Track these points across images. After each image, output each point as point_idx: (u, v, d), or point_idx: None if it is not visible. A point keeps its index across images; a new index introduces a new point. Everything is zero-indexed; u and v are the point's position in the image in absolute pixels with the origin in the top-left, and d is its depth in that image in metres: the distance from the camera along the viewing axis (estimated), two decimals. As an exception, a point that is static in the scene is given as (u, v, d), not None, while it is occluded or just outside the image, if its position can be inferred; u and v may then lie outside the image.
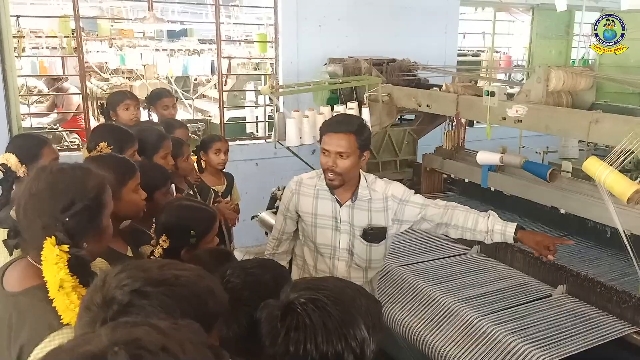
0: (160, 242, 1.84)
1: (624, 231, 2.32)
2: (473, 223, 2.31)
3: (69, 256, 1.25)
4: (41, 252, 1.26)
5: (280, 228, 2.46)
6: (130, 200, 1.84)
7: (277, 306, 1.12)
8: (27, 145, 2.35)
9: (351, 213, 2.31)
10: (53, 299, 1.24)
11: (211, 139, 3.38)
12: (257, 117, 6.90)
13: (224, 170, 3.41)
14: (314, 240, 2.36)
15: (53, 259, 1.23)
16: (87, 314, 0.94)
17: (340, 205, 2.30)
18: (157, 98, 3.66)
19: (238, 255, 3.70)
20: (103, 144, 2.35)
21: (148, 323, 0.73)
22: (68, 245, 1.26)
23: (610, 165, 2.17)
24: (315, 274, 2.36)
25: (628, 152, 2.16)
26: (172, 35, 10.65)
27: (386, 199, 2.32)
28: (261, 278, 1.35)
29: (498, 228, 2.27)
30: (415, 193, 2.39)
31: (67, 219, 1.29)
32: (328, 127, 2.24)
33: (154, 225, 1.96)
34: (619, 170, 2.18)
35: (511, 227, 2.25)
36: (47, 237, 1.26)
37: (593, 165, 2.21)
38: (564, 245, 2.98)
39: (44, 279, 1.24)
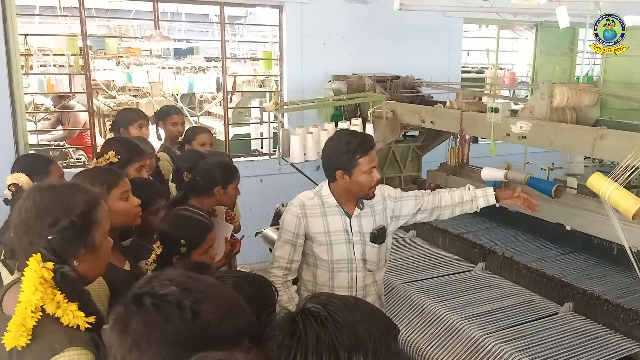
0: (154, 247, 1.86)
1: (630, 248, 2.29)
2: (459, 197, 2.52)
3: (53, 274, 1.24)
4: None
5: (288, 257, 2.37)
6: (117, 209, 1.86)
7: (290, 312, 1.15)
8: (36, 164, 2.40)
9: (360, 222, 2.38)
10: (58, 321, 1.23)
11: None
12: (261, 133, 6.93)
13: None
14: (330, 258, 2.36)
15: (36, 277, 1.22)
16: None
17: (350, 217, 2.36)
18: (166, 114, 3.68)
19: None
20: (111, 153, 2.40)
21: None
22: (53, 263, 1.25)
23: (615, 181, 2.16)
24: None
25: (633, 168, 2.14)
26: (179, 53, 10.79)
27: (384, 199, 2.45)
28: (243, 290, 1.35)
29: (479, 193, 2.53)
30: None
31: (52, 236, 1.28)
32: (367, 145, 2.28)
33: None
34: (624, 186, 2.17)
35: (489, 189, 2.53)
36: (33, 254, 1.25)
37: (597, 182, 2.19)
38: (570, 263, 2.98)
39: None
